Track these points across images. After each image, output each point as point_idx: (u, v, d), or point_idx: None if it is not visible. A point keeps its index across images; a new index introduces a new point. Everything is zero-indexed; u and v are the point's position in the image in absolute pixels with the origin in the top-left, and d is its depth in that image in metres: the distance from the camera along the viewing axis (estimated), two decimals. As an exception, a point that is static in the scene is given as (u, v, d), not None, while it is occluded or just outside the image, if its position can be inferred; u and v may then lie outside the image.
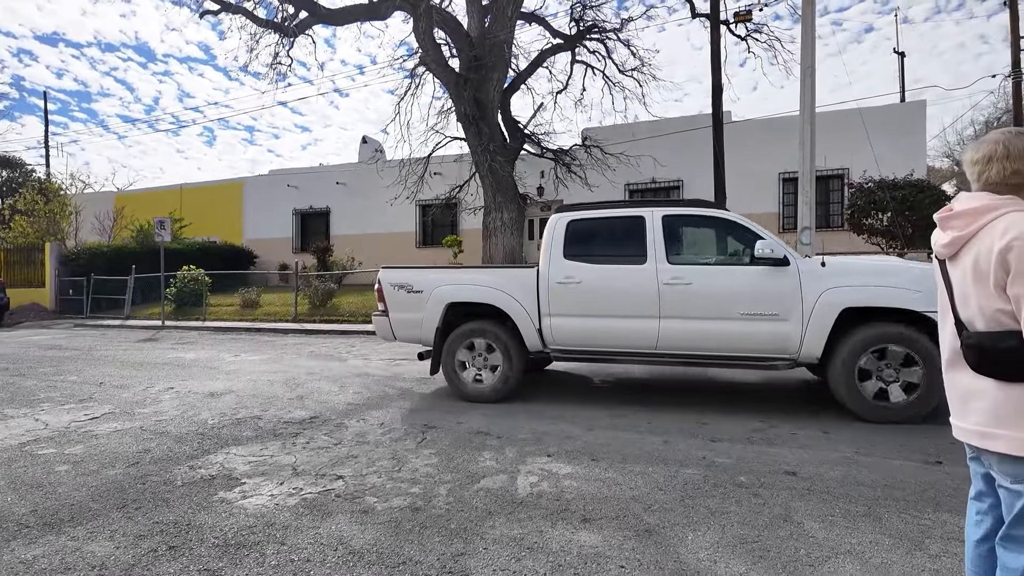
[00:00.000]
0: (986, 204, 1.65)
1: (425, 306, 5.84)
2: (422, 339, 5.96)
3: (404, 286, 5.98)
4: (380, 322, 6.16)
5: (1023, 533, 1.64)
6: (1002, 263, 1.54)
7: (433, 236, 21.79)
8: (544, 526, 2.98)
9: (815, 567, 2.54)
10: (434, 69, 15.24)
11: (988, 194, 1.69)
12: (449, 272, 6.25)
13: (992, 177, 1.69)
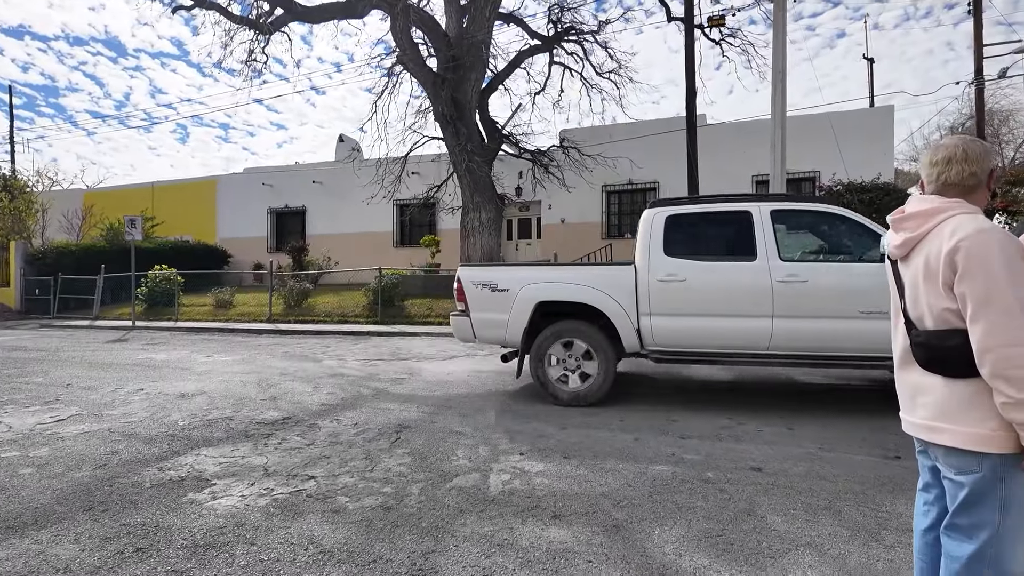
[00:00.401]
0: (936, 207, 1.72)
1: (511, 306, 5.61)
2: (506, 340, 5.75)
3: (488, 284, 5.73)
4: (459, 322, 5.92)
5: (966, 523, 1.72)
6: (950, 263, 1.62)
7: (411, 236, 21.72)
8: (515, 523, 3.02)
9: (776, 559, 2.62)
10: (412, 68, 15.20)
11: (938, 197, 1.76)
12: (534, 270, 5.93)
13: (951, 179, 1.76)
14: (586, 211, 20.52)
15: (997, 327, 1.53)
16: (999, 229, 1.60)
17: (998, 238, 1.57)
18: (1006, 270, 1.53)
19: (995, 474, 1.63)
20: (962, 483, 1.70)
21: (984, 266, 1.55)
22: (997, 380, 1.53)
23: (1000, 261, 1.54)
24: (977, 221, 1.62)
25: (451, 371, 7.36)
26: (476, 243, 15.31)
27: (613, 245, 19.38)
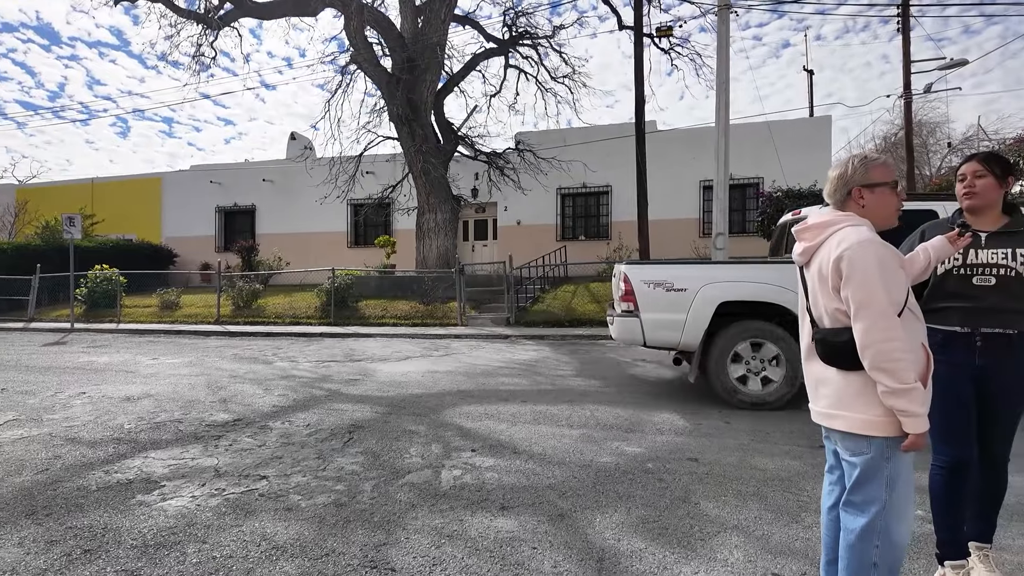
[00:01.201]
0: (829, 219, 1.95)
1: (690, 306, 5.32)
2: (681, 342, 5.43)
3: (662, 284, 5.43)
4: (626, 323, 5.54)
5: (859, 499, 1.94)
6: (836, 270, 1.84)
7: (366, 236, 21.54)
8: (464, 515, 3.15)
9: (705, 541, 2.84)
10: (366, 68, 15.13)
11: (832, 210, 2.00)
12: (712, 268, 5.67)
13: (826, 195, 2.03)
14: (541, 213, 20.78)
15: (874, 326, 1.75)
16: (878, 241, 1.82)
17: (875, 249, 1.79)
18: (881, 277, 1.76)
19: (882, 455, 1.86)
20: (855, 463, 1.93)
21: (863, 273, 1.77)
22: (876, 372, 1.76)
23: (876, 269, 1.77)
24: (860, 233, 1.84)
25: (406, 372, 7.42)
26: (431, 244, 15.35)
27: (568, 247, 19.71)
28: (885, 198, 1.94)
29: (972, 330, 2.27)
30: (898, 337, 1.74)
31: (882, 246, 1.81)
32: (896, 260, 1.82)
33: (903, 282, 1.83)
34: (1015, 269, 2.22)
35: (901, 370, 1.73)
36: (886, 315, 1.75)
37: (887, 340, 1.74)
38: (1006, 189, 2.32)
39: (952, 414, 2.32)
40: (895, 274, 1.79)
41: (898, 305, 1.79)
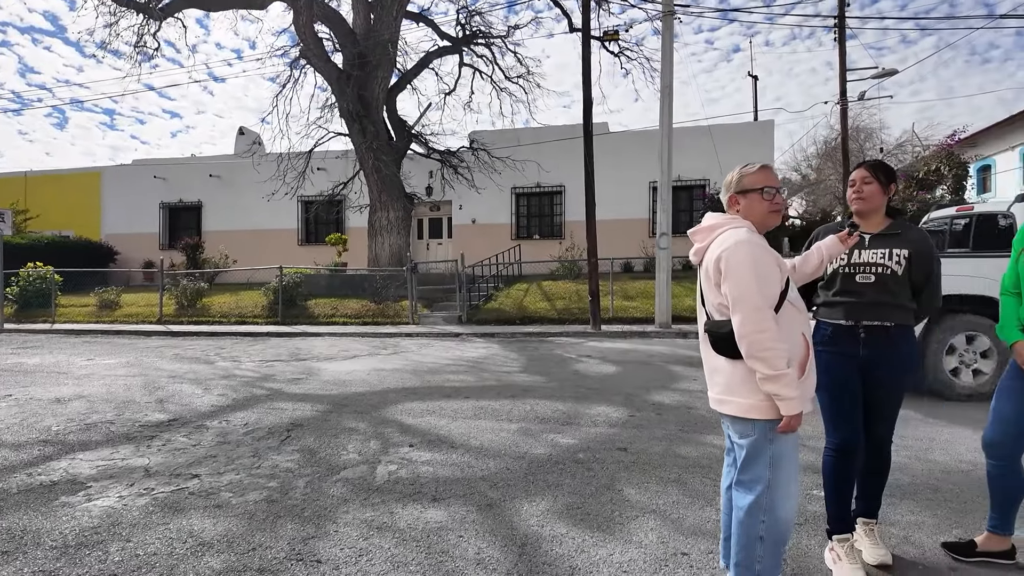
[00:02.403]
0: (715, 223, 2.13)
1: None
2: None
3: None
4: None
5: (747, 478, 2.11)
6: (717, 268, 2.02)
7: (317, 234, 21.23)
8: (396, 508, 3.22)
9: (624, 525, 2.99)
10: (315, 64, 14.93)
11: (719, 214, 2.18)
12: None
13: (724, 199, 2.20)
14: (496, 212, 20.91)
15: (748, 318, 1.93)
16: (754, 242, 1.99)
17: (750, 249, 1.96)
18: (754, 274, 1.94)
19: (765, 436, 2.03)
20: (743, 445, 2.09)
21: (738, 271, 1.95)
22: (752, 360, 1.93)
23: (750, 267, 1.94)
24: (738, 235, 2.02)
25: (351, 370, 7.41)
26: (384, 242, 15.27)
27: (522, 246, 19.88)
28: (755, 204, 2.12)
29: (856, 323, 2.48)
30: (769, 328, 1.91)
31: (757, 246, 1.98)
32: (770, 259, 1.99)
33: (776, 279, 1.99)
34: (891, 268, 2.43)
35: (772, 358, 1.90)
36: (759, 309, 1.92)
37: (759, 331, 1.90)
38: (889, 195, 2.54)
39: (840, 401, 2.52)
40: (768, 272, 1.96)
41: (771, 299, 1.96)
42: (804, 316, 2.10)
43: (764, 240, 2.09)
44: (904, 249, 2.44)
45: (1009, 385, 2.41)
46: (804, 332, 2.07)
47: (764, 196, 2.12)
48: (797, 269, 2.44)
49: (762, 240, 2.07)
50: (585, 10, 10.67)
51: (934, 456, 3.97)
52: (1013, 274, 2.39)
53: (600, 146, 17.78)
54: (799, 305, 2.09)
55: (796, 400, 1.92)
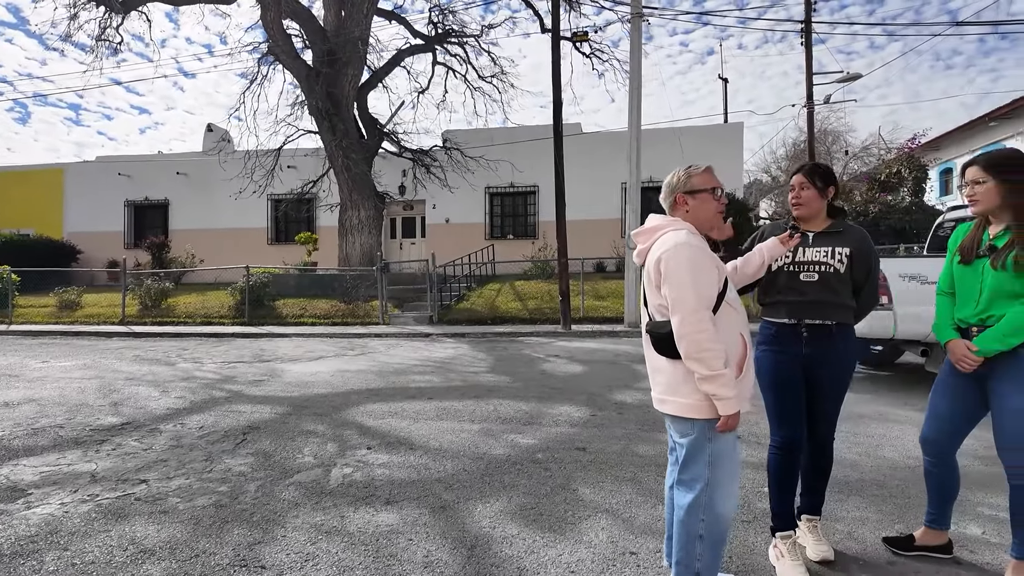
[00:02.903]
0: (657, 224, 2.14)
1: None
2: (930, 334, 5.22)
3: (916, 277, 5.41)
4: (879, 316, 5.41)
5: (687, 477, 2.12)
6: (657, 270, 2.03)
7: (287, 233, 20.93)
8: (347, 511, 3.17)
9: (575, 524, 2.99)
10: (284, 60, 14.71)
11: (661, 216, 2.19)
12: None
13: (669, 200, 2.20)
14: (470, 212, 20.86)
15: (686, 320, 1.95)
16: (693, 244, 2.01)
17: (689, 252, 1.98)
18: (692, 276, 1.96)
19: (704, 435, 2.05)
20: (683, 444, 2.11)
21: (677, 273, 1.97)
22: (690, 360, 1.95)
23: (688, 269, 1.96)
24: (678, 237, 2.03)
25: (316, 372, 7.31)
26: (355, 241, 15.11)
27: (496, 246, 19.87)
28: (705, 203, 2.14)
29: (798, 321, 2.51)
30: (707, 329, 1.93)
31: (696, 249, 2.00)
32: (708, 261, 2.01)
33: (714, 281, 2.01)
34: (833, 266, 2.47)
35: (710, 358, 1.92)
36: (696, 310, 1.94)
37: (697, 332, 1.93)
38: (828, 198, 2.58)
39: (784, 399, 2.55)
40: (706, 274, 1.99)
41: (709, 301, 1.98)
42: (742, 316, 2.12)
43: (704, 242, 2.11)
44: (846, 247, 2.48)
45: (944, 382, 2.47)
46: (742, 332, 2.10)
47: (714, 196, 2.16)
48: (739, 270, 2.46)
49: (702, 242, 2.09)
50: (555, 11, 10.69)
51: (884, 453, 4.06)
52: (948, 275, 2.45)
53: (573, 146, 17.86)
54: (737, 306, 2.12)
55: (733, 400, 1.95)
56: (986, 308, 2.24)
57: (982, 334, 2.24)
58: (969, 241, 2.35)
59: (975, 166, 2.27)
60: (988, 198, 2.23)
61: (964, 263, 2.34)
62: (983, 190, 2.24)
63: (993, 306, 2.22)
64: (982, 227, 2.34)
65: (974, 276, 2.29)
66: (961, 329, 2.36)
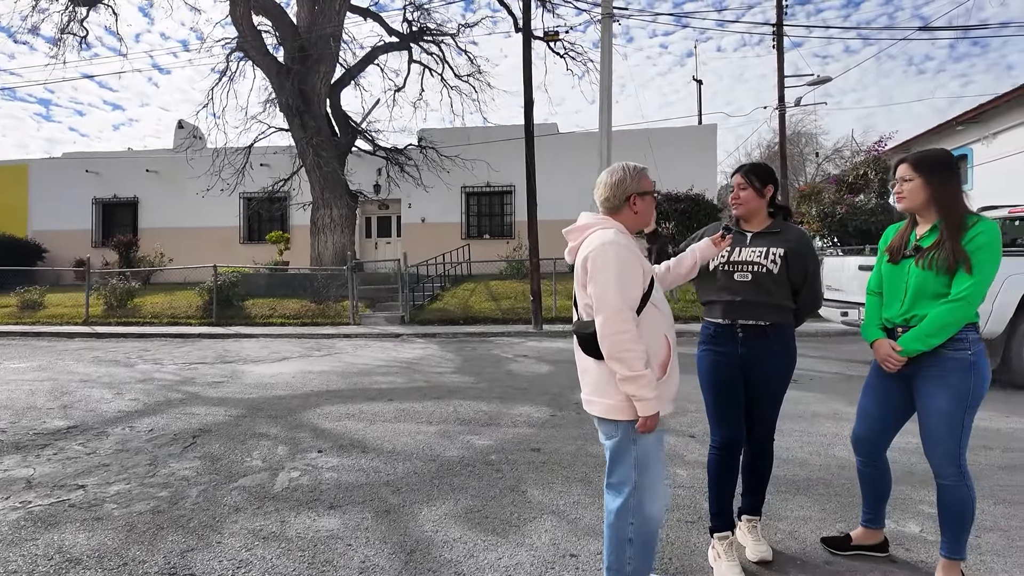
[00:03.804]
0: (587, 223, 2.12)
1: (995, 297, 5.56)
2: (984, 332, 5.54)
3: None
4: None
5: (615, 480, 2.10)
6: (584, 268, 2.01)
7: (260, 232, 20.65)
8: (289, 516, 3.10)
9: (520, 527, 2.95)
10: (254, 56, 14.49)
11: (592, 214, 2.16)
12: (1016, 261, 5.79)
13: (598, 200, 2.18)
14: (446, 211, 20.75)
15: (608, 320, 1.93)
16: (620, 244, 1.99)
17: (616, 251, 1.96)
18: (617, 276, 1.94)
19: (628, 437, 2.02)
20: (608, 447, 2.09)
21: (603, 272, 1.95)
22: (612, 361, 1.93)
23: (614, 269, 1.94)
24: (605, 236, 2.00)
25: (278, 373, 7.19)
26: (327, 240, 14.94)
27: (472, 245, 19.79)
28: (650, 204, 2.19)
29: (732, 322, 2.51)
30: (628, 330, 1.91)
31: (623, 248, 1.98)
32: (634, 261, 1.99)
33: (639, 282, 1.99)
34: (766, 266, 2.47)
35: (630, 359, 1.90)
36: (619, 310, 1.92)
37: (619, 332, 1.91)
38: (766, 197, 2.58)
39: (722, 400, 2.55)
40: (631, 274, 1.96)
41: (633, 301, 1.96)
42: (667, 318, 2.12)
43: (632, 241, 2.09)
44: (780, 248, 2.47)
45: (872, 383, 2.48)
46: (666, 333, 2.08)
47: (655, 198, 2.24)
48: (671, 271, 2.45)
49: (630, 241, 2.07)
50: (526, 10, 10.67)
51: (834, 451, 4.08)
52: (877, 275, 2.45)
53: (548, 147, 17.87)
54: (663, 307, 2.11)
55: (653, 401, 1.94)
56: (910, 308, 2.25)
57: (905, 334, 2.25)
58: (898, 241, 2.36)
59: (904, 164, 2.28)
60: (913, 196, 2.25)
61: (892, 263, 2.35)
62: (910, 188, 2.25)
63: (917, 306, 2.23)
64: (911, 227, 2.35)
65: (900, 276, 2.30)
66: (888, 329, 2.37)
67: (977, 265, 2.10)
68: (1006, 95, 17.34)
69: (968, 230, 2.13)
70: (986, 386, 2.22)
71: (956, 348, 2.17)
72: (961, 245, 2.12)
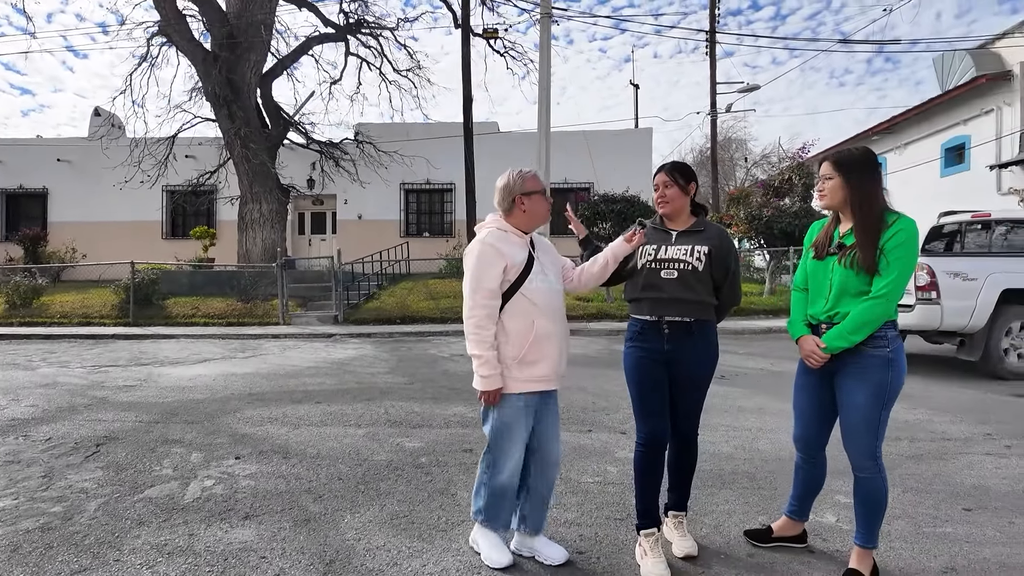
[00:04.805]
0: (483, 223, 2.49)
1: (979, 293, 6.06)
2: (968, 325, 6.13)
3: (960, 274, 6.09)
4: (928, 309, 6.15)
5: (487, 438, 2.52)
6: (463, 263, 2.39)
7: (184, 227, 19.61)
8: (198, 529, 2.89)
9: (447, 531, 2.86)
10: (177, 41, 13.73)
11: (492, 215, 2.50)
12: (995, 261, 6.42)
13: (495, 203, 2.50)
14: (384, 208, 20.37)
15: (465, 304, 2.37)
16: (486, 242, 2.36)
17: (479, 248, 2.35)
18: (476, 269, 2.34)
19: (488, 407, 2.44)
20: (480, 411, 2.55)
21: (467, 264, 2.36)
22: (467, 340, 2.37)
23: (475, 262, 2.33)
24: (480, 234, 2.41)
25: (197, 375, 6.79)
26: (256, 237, 14.33)
27: (411, 243, 19.49)
28: (539, 203, 2.46)
29: (659, 318, 2.51)
30: (477, 315, 2.31)
31: (487, 246, 2.34)
32: (495, 258, 2.33)
33: (497, 275, 2.32)
34: (692, 264, 2.48)
35: (476, 340, 2.32)
36: (473, 298, 2.32)
37: (469, 318, 2.33)
38: (690, 195, 2.59)
39: (647, 396, 2.54)
40: (489, 268, 2.32)
41: (489, 291, 2.32)
42: (541, 308, 2.39)
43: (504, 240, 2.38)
44: (705, 246, 2.49)
45: (800, 382, 2.52)
46: (536, 321, 2.37)
47: (545, 197, 2.49)
48: (585, 271, 2.64)
49: (502, 241, 2.37)
50: (464, 5, 10.55)
51: (759, 445, 4.19)
52: (803, 271, 2.50)
53: (490, 146, 17.81)
54: (536, 298, 2.38)
55: (488, 379, 2.33)
56: (834, 305, 2.30)
57: (828, 332, 2.30)
58: (822, 238, 2.41)
59: (826, 162, 2.33)
60: (833, 194, 2.30)
61: (817, 259, 2.39)
62: (830, 186, 2.30)
63: (840, 303, 2.28)
64: (834, 224, 2.40)
65: (824, 273, 2.35)
66: (813, 326, 2.42)
67: (894, 263, 2.16)
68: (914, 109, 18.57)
69: (887, 228, 2.18)
70: (902, 381, 2.28)
71: (875, 345, 2.22)
72: (879, 244, 2.18)
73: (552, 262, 2.56)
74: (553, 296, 2.46)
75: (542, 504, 2.56)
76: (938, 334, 6.42)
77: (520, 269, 2.35)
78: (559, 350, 2.44)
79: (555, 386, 2.51)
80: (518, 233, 2.45)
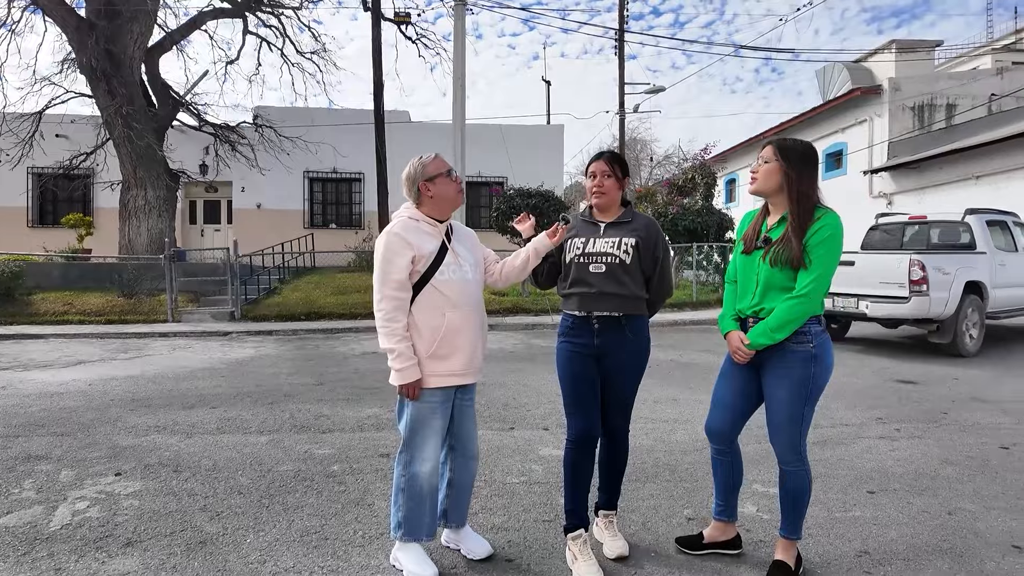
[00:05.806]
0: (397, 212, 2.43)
1: (951, 285, 7.05)
2: (943, 313, 7.08)
3: (940, 268, 7.04)
4: (921, 301, 6.97)
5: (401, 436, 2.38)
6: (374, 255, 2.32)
7: (55, 214, 17.60)
8: (67, 562, 2.48)
9: (364, 547, 2.63)
10: (45, 4, 12.17)
11: (405, 204, 2.44)
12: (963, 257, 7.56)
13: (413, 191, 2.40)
14: (287, 197, 19.31)
15: (374, 298, 2.28)
16: (393, 232, 2.27)
17: (386, 239, 2.26)
18: (383, 259, 2.25)
19: (403, 400, 2.33)
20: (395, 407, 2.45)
21: (376, 256, 2.28)
22: (379, 335, 2.27)
23: (382, 253, 2.25)
24: (389, 225, 2.32)
25: (69, 380, 6.02)
26: (140, 226, 13.07)
27: (316, 235, 18.59)
28: (445, 186, 2.37)
29: (588, 313, 2.42)
30: (384, 308, 2.23)
31: (394, 235, 2.26)
32: (401, 248, 2.24)
33: (404, 266, 2.23)
34: (619, 256, 2.40)
35: (385, 333, 2.24)
36: (381, 290, 2.24)
37: (379, 311, 2.25)
38: (624, 188, 2.51)
39: (577, 391, 2.44)
40: (396, 258, 2.23)
41: (397, 283, 2.23)
42: (453, 299, 2.31)
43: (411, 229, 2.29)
44: (632, 238, 2.42)
45: (725, 371, 2.51)
46: (447, 313, 2.29)
47: (450, 178, 2.39)
48: (505, 266, 2.56)
49: (409, 230, 2.28)
50: (375, -13, 10.09)
51: (676, 437, 4.24)
52: (733, 265, 2.48)
53: (400, 135, 17.31)
54: (447, 290, 2.30)
55: (403, 372, 2.22)
56: (760, 301, 2.29)
57: (752, 329, 2.29)
58: (751, 231, 2.39)
59: (770, 146, 2.29)
60: (767, 179, 2.27)
61: (745, 253, 2.37)
62: (765, 170, 2.27)
63: (766, 299, 2.27)
64: (763, 216, 2.39)
65: (752, 267, 2.33)
66: (741, 320, 2.41)
67: (817, 260, 2.16)
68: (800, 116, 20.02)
69: (814, 223, 2.19)
70: (827, 377, 2.30)
71: (799, 341, 2.23)
72: (803, 240, 2.18)
73: (470, 252, 2.45)
74: (467, 288, 2.37)
75: (465, 497, 2.54)
76: (922, 321, 7.36)
77: (430, 260, 2.27)
78: (472, 344, 2.36)
79: (471, 380, 2.42)
80: (431, 222, 2.36)
